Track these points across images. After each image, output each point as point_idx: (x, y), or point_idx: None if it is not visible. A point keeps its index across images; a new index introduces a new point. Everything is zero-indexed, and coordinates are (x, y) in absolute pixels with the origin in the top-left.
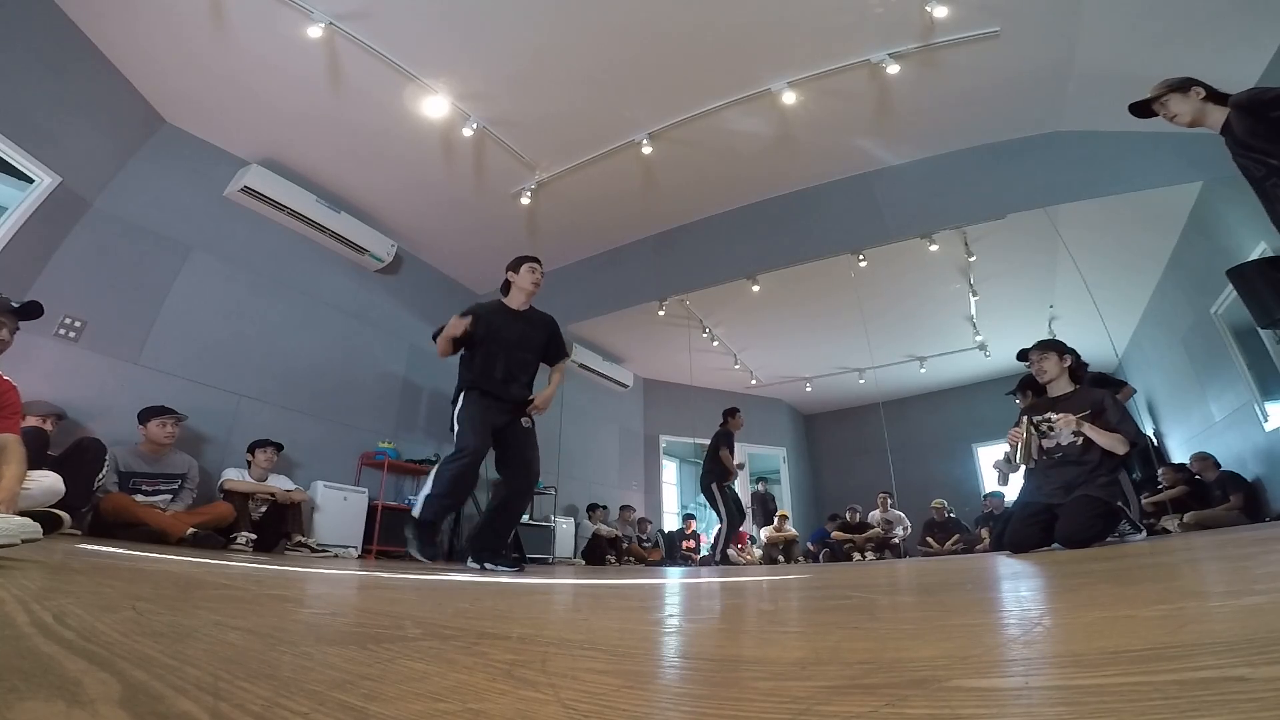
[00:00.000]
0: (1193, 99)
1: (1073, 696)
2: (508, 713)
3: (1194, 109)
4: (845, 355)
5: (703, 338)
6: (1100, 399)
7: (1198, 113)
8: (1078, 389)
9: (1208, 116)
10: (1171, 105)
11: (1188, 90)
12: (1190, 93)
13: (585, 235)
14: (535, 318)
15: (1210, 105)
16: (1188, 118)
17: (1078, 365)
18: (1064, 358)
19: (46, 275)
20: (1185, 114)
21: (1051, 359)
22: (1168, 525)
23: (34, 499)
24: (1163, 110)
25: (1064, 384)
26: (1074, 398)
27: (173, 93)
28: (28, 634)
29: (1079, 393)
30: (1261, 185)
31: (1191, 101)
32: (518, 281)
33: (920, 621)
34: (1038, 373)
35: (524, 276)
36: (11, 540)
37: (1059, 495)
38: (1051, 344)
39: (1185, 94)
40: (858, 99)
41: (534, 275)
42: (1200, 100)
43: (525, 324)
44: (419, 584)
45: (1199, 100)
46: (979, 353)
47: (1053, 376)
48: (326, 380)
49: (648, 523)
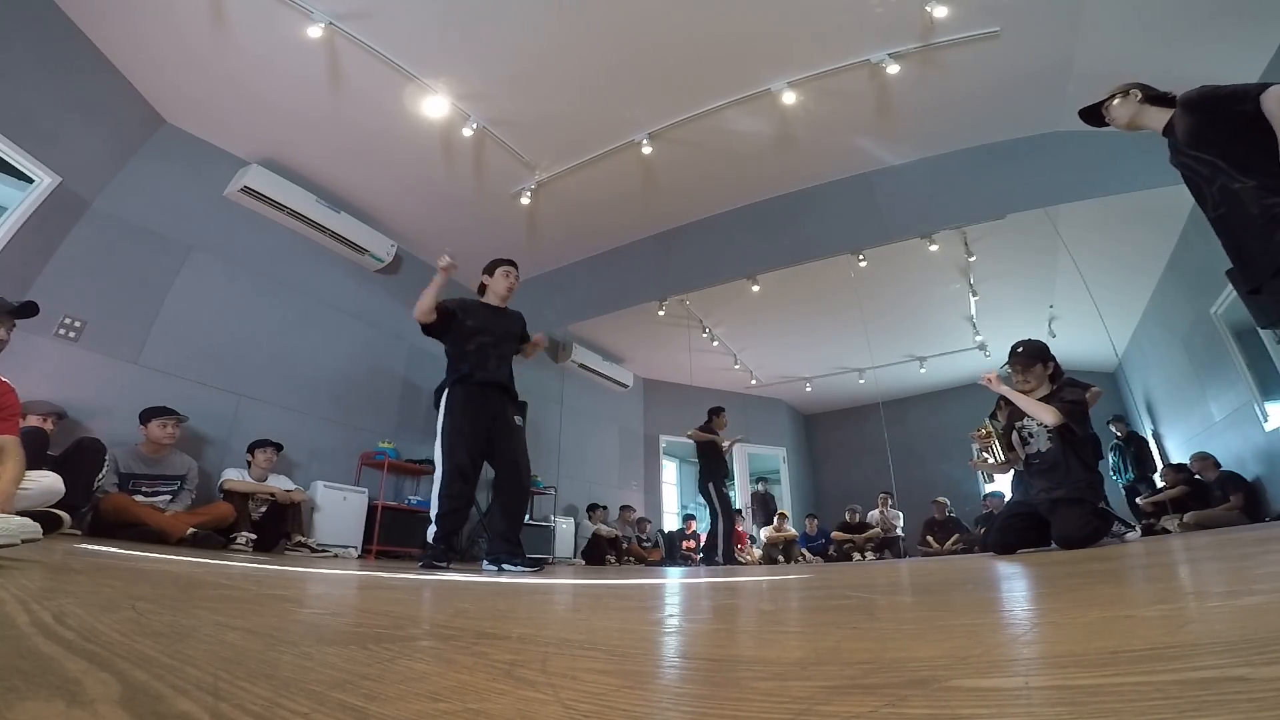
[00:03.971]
0: (1130, 102)
1: (1073, 696)
2: (508, 713)
3: (1131, 111)
4: (845, 355)
5: (703, 338)
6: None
7: (1135, 115)
8: (1054, 390)
9: (1146, 118)
10: (1112, 109)
11: (1127, 93)
12: (1129, 95)
13: (585, 235)
14: (510, 313)
15: (1148, 107)
16: (1124, 120)
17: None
18: (1047, 365)
19: (46, 275)
20: (1122, 116)
21: (1036, 371)
22: (1168, 525)
23: (33, 499)
24: (1107, 115)
25: (1043, 390)
26: (1051, 398)
27: (173, 93)
28: (28, 634)
29: (1053, 394)
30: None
31: (1129, 104)
32: (493, 285)
33: (920, 621)
34: (1019, 383)
35: (498, 281)
36: (11, 540)
37: (1044, 501)
38: (1035, 353)
39: (1125, 97)
40: (858, 99)
41: (508, 280)
42: (1137, 102)
43: (505, 318)
44: (419, 584)
45: (1135, 103)
46: (979, 353)
47: (1034, 387)
48: (326, 380)
49: (647, 523)
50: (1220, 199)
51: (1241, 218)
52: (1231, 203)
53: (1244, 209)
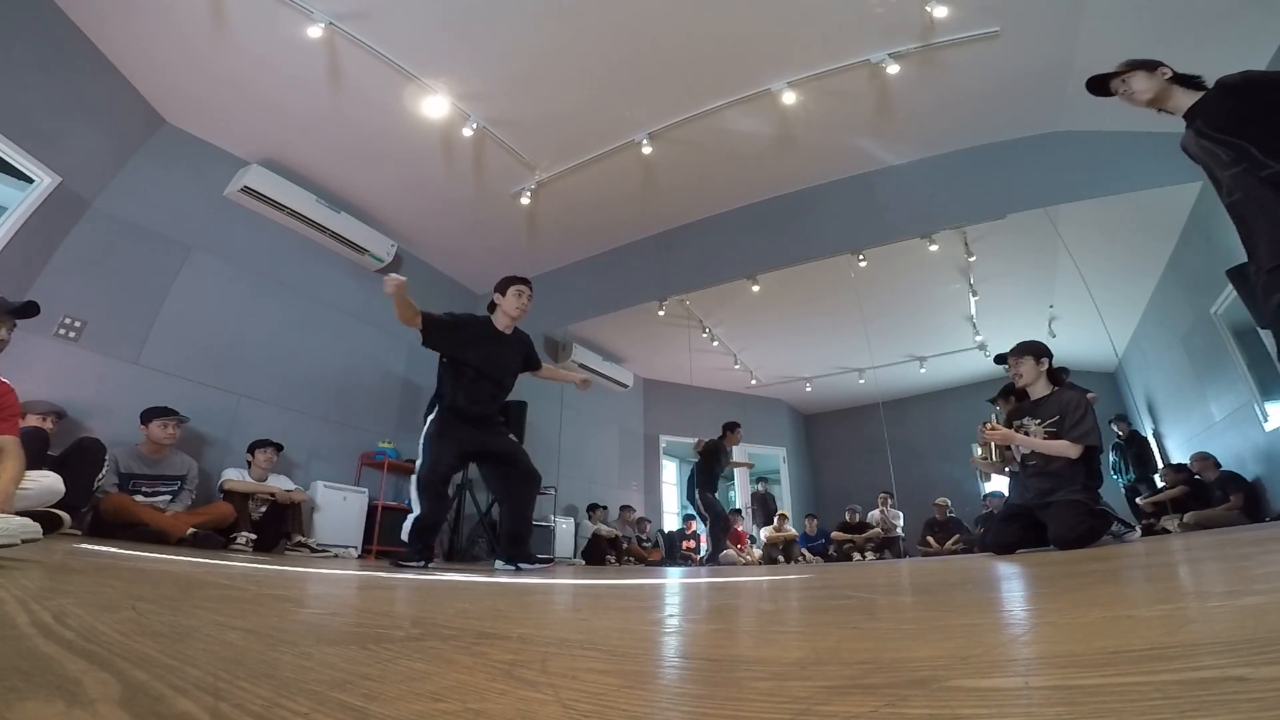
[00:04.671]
0: (1158, 78)
1: (1073, 696)
2: (508, 713)
3: (1158, 87)
4: (845, 355)
5: (703, 338)
6: (1066, 402)
7: (1161, 91)
8: (1054, 392)
9: (1172, 98)
10: (1133, 82)
11: (1154, 69)
12: (1156, 72)
13: (585, 235)
14: (514, 340)
15: (1176, 87)
16: (1149, 94)
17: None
18: (1040, 361)
19: (46, 275)
20: (1147, 91)
21: (1027, 363)
22: (1168, 525)
23: (33, 499)
24: (1122, 87)
25: (1041, 387)
26: (1050, 401)
27: (173, 93)
28: (28, 634)
29: (1055, 395)
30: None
31: (1156, 80)
32: (504, 305)
33: (920, 621)
34: (1014, 376)
35: (510, 300)
36: (11, 540)
37: (1038, 503)
38: (1028, 347)
39: (1151, 72)
40: (858, 99)
41: (520, 300)
42: (1165, 80)
43: (508, 349)
44: (419, 584)
45: (1164, 80)
46: (979, 353)
47: (1028, 381)
48: (326, 380)
49: (647, 522)
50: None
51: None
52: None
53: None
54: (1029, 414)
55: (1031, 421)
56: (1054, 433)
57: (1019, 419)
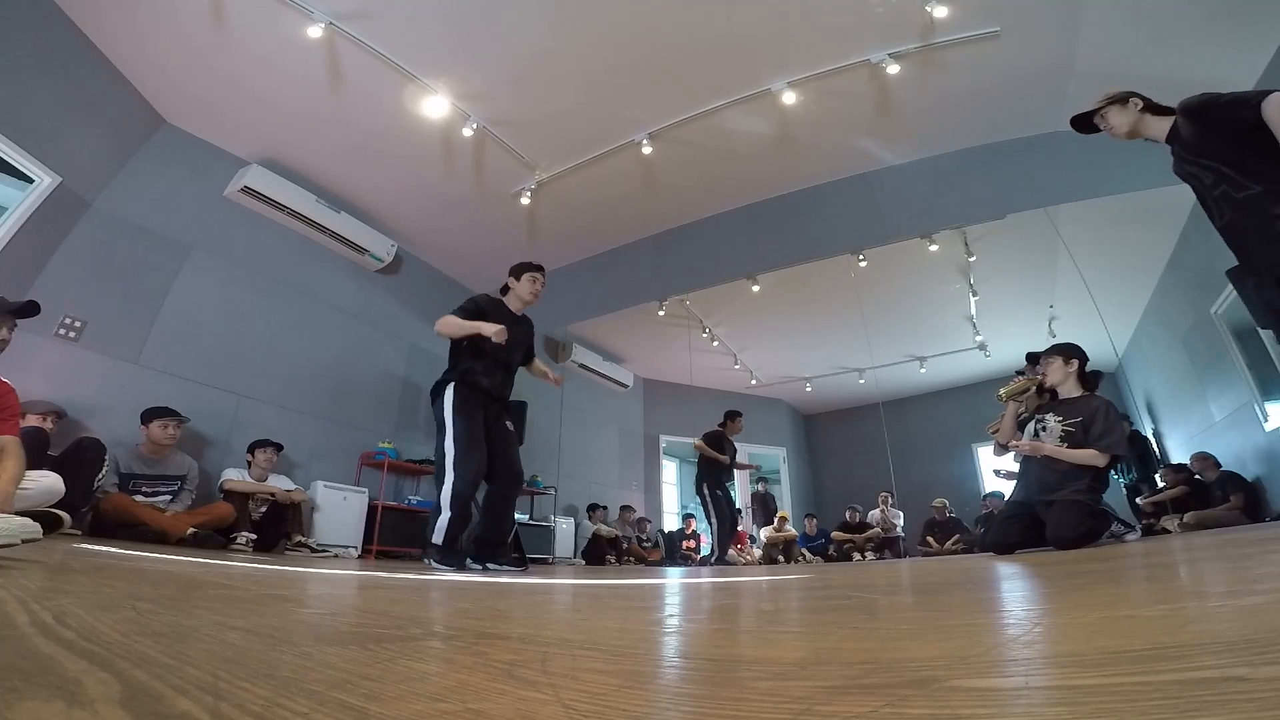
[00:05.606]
0: (1130, 110)
1: (1073, 696)
2: (508, 713)
3: (1131, 120)
4: (845, 355)
5: (703, 338)
6: (1095, 409)
7: (1135, 123)
8: (1082, 396)
9: (1147, 127)
10: (1110, 117)
11: (1126, 102)
12: (1128, 104)
13: (585, 235)
14: (525, 322)
15: (1149, 116)
16: (1125, 129)
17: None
18: (1069, 361)
19: (46, 275)
20: (1123, 125)
21: (1054, 363)
22: (1168, 525)
23: (33, 499)
24: (1102, 123)
25: (1071, 388)
26: (1076, 404)
27: (173, 93)
28: (28, 634)
29: (1082, 400)
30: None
31: (1129, 113)
32: (517, 289)
33: (920, 621)
34: (1042, 376)
35: (524, 285)
36: (11, 540)
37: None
38: (1059, 347)
39: (1124, 105)
40: (858, 99)
41: (534, 285)
42: (1137, 111)
43: (520, 329)
44: (419, 584)
45: (1135, 111)
46: (979, 353)
47: (1055, 381)
48: (326, 380)
49: (647, 522)
50: (1225, 207)
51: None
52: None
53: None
54: (1051, 410)
55: (1052, 417)
56: (1071, 432)
57: (1042, 414)
